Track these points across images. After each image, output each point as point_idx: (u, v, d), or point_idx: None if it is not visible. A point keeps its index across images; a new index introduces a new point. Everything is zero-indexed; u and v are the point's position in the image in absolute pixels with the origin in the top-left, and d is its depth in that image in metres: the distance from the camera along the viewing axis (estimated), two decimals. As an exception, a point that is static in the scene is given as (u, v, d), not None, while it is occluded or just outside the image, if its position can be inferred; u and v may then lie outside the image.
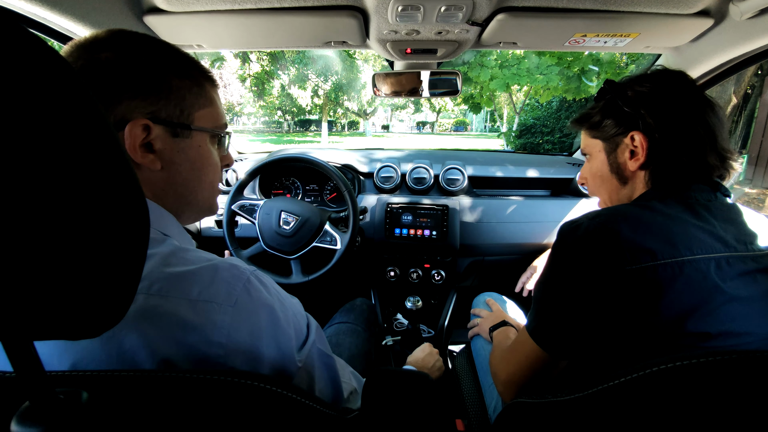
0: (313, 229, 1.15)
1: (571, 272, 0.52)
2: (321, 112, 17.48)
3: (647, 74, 0.62)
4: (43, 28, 0.80)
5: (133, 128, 0.43)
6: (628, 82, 0.62)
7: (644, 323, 0.47)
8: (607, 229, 0.50)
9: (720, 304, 0.46)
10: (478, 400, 0.90)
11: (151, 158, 0.45)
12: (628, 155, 0.62)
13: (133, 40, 0.45)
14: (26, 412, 0.25)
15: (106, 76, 0.42)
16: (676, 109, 0.57)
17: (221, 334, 0.37)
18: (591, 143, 0.69)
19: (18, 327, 0.21)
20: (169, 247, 0.41)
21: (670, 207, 0.54)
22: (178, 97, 0.47)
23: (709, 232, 0.50)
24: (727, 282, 0.47)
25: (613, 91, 0.64)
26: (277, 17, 0.88)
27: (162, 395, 0.31)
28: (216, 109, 0.52)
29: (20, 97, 0.18)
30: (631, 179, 0.63)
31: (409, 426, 0.40)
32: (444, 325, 1.46)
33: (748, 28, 0.85)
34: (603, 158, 0.66)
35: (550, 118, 9.13)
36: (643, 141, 0.59)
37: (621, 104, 0.61)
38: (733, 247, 0.50)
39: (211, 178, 0.54)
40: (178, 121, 0.47)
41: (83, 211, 0.21)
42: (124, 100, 0.43)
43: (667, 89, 0.59)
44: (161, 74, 0.45)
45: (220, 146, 0.55)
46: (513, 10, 0.85)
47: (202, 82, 0.50)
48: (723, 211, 0.54)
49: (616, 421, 0.34)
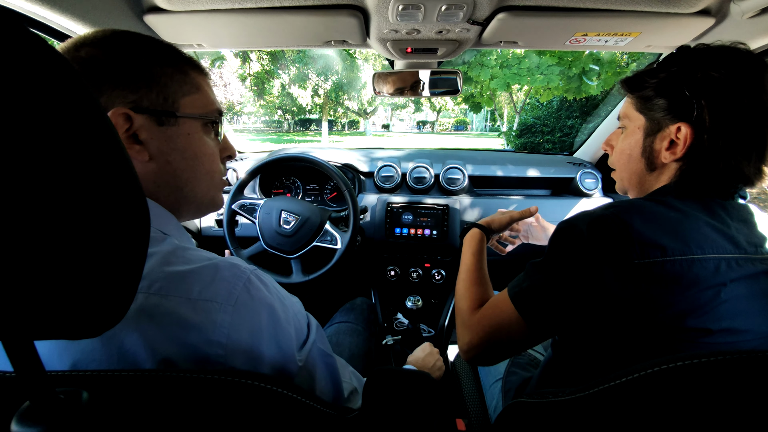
0: (314, 229, 1.15)
1: (576, 257, 0.51)
2: (321, 112, 17.48)
3: (728, 52, 0.52)
4: (43, 27, 0.80)
5: (112, 118, 0.42)
6: (703, 57, 0.53)
7: (645, 317, 0.47)
8: (620, 220, 0.49)
9: (723, 301, 0.46)
10: (479, 399, 0.90)
11: (138, 149, 0.45)
12: (667, 144, 0.56)
13: (115, 36, 0.45)
14: (26, 412, 0.25)
15: (86, 70, 0.42)
16: (741, 109, 0.50)
17: (221, 333, 0.37)
18: (633, 115, 0.61)
19: (18, 327, 0.21)
20: (169, 246, 0.41)
21: (686, 204, 0.52)
22: (160, 85, 0.46)
23: (722, 233, 0.49)
24: (733, 282, 0.47)
25: (681, 65, 0.54)
26: (277, 16, 0.88)
27: (162, 395, 0.31)
28: (204, 96, 0.51)
29: (20, 96, 0.18)
30: (659, 168, 0.58)
31: (410, 425, 0.40)
32: (444, 325, 1.46)
33: (749, 27, 0.84)
34: (639, 137, 0.60)
35: (551, 118, 9.12)
36: (689, 136, 0.53)
37: (683, 85, 0.53)
38: (743, 249, 0.49)
39: (208, 168, 0.52)
40: (161, 109, 0.46)
41: (83, 209, 0.21)
42: (104, 92, 0.43)
43: (743, 82, 0.50)
44: (141, 63, 0.45)
45: (216, 135, 0.54)
46: (514, 9, 0.84)
47: (185, 69, 0.49)
48: (738, 211, 0.53)
49: (618, 421, 0.34)
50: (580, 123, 8.60)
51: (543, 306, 0.53)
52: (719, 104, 0.51)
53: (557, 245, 0.54)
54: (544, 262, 0.55)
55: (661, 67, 0.57)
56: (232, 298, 0.38)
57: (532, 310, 0.54)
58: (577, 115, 8.76)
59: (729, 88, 0.50)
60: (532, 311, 0.54)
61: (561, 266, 0.53)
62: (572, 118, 8.81)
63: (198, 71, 0.51)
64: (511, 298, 0.57)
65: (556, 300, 0.52)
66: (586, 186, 1.43)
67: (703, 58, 0.53)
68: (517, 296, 0.56)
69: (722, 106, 0.51)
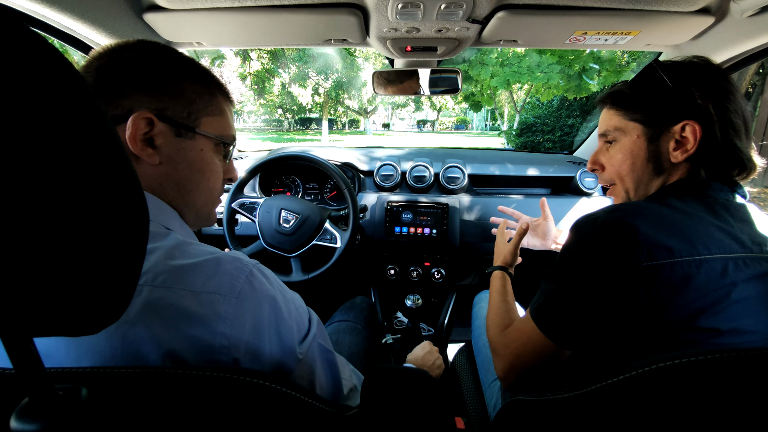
0: (313, 227, 1.15)
1: (585, 265, 0.51)
2: (321, 111, 17.47)
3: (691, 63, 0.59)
4: (43, 26, 0.80)
5: (136, 119, 0.44)
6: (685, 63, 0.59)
7: (656, 318, 0.47)
8: (625, 223, 0.49)
9: (732, 302, 0.46)
10: (478, 397, 0.90)
11: (150, 152, 0.46)
12: (673, 144, 0.58)
13: (156, 47, 0.48)
14: (25, 409, 0.25)
15: (123, 71, 0.45)
16: (730, 100, 0.55)
17: (225, 325, 0.38)
18: (625, 126, 0.63)
19: (18, 324, 0.21)
20: (172, 241, 0.42)
21: (689, 205, 0.52)
22: (188, 100, 0.49)
23: (727, 232, 0.49)
24: (742, 282, 0.47)
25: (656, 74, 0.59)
26: (277, 15, 0.88)
27: (162, 391, 0.31)
28: (225, 121, 0.54)
29: (20, 93, 0.18)
30: (668, 169, 0.59)
31: (409, 423, 0.40)
32: (444, 324, 1.46)
33: (749, 26, 0.84)
34: (642, 144, 0.61)
35: (551, 117, 9.10)
36: (698, 131, 0.55)
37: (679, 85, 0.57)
38: (749, 249, 0.49)
39: (212, 184, 0.54)
40: (182, 122, 0.48)
41: (82, 206, 0.21)
42: (134, 94, 0.45)
43: (714, 79, 0.56)
44: (174, 76, 0.48)
45: (224, 158, 0.56)
46: (513, 7, 0.84)
47: (214, 91, 0.52)
48: (739, 210, 0.54)
49: (616, 419, 0.34)
50: (580, 122, 8.58)
51: (561, 318, 0.54)
52: (718, 96, 0.55)
53: (566, 253, 0.55)
54: (555, 274, 0.56)
55: (646, 74, 0.61)
56: (235, 290, 0.39)
57: (552, 324, 0.55)
58: (577, 114, 8.74)
59: (712, 83, 0.56)
60: (553, 326, 0.55)
61: (572, 275, 0.53)
62: (572, 117, 8.79)
63: (225, 96, 0.54)
64: (531, 316, 0.58)
65: (573, 310, 0.53)
66: (586, 185, 1.43)
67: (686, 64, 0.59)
68: (536, 313, 0.57)
69: (720, 97, 0.55)
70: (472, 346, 1.06)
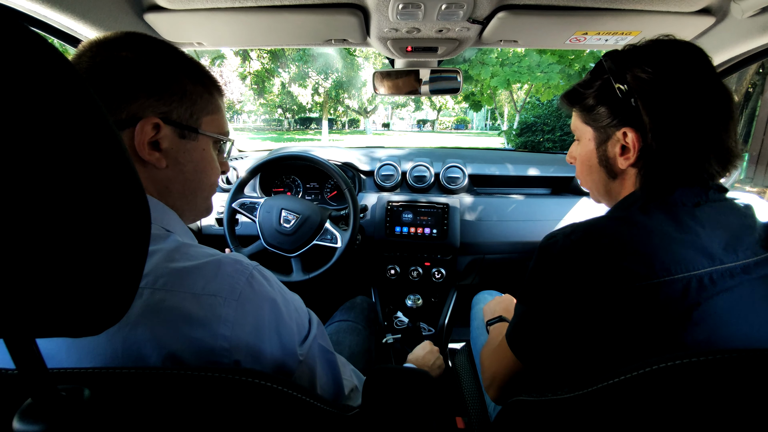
0: (314, 227, 1.15)
1: (545, 290, 0.51)
2: (321, 110, 17.46)
3: (655, 47, 0.52)
4: (43, 26, 0.80)
5: (144, 126, 0.44)
6: (629, 59, 0.52)
7: (619, 338, 0.46)
8: (581, 248, 0.48)
9: (693, 323, 0.44)
10: (479, 397, 0.90)
11: (158, 156, 0.46)
12: (619, 150, 0.55)
13: (149, 42, 0.47)
14: (28, 410, 0.25)
15: (125, 73, 0.44)
16: (680, 106, 0.48)
17: (226, 327, 0.38)
18: (581, 127, 0.61)
19: (20, 325, 0.21)
20: (172, 243, 0.42)
21: (651, 217, 0.49)
22: (190, 101, 0.49)
23: (691, 245, 0.46)
24: (709, 301, 0.44)
25: (610, 72, 0.53)
26: (277, 15, 0.88)
27: (164, 392, 0.31)
28: (221, 117, 0.54)
29: (21, 94, 0.18)
30: (620, 175, 0.57)
31: (410, 423, 0.40)
32: (444, 324, 1.46)
33: (750, 26, 0.84)
34: (592, 147, 0.59)
35: (551, 117, 9.09)
36: (635, 140, 0.52)
37: (616, 90, 0.52)
38: (719, 259, 0.45)
39: (213, 180, 0.56)
40: (187, 124, 0.49)
41: (84, 208, 0.21)
42: (140, 98, 0.44)
43: (675, 75, 0.49)
44: (177, 78, 0.47)
45: (220, 152, 0.57)
46: (514, 8, 0.84)
47: (212, 90, 0.52)
48: (713, 213, 0.49)
49: (617, 419, 0.34)
50: (580, 122, 8.57)
51: (529, 339, 0.55)
52: (655, 103, 0.49)
53: (531, 275, 0.55)
54: (523, 295, 0.57)
55: (595, 75, 0.57)
56: (236, 292, 0.39)
57: (520, 345, 0.57)
58: (577, 114, 8.73)
59: (661, 84, 0.49)
60: (521, 346, 0.57)
61: (536, 298, 0.54)
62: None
63: (219, 92, 0.54)
64: (507, 341, 0.60)
65: (538, 335, 0.54)
66: (586, 185, 1.43)
67: (631, 58, 0.52)
68: (510, 339, 0.59)
69: (658, 104, 0.49)
70: (471, 346, 1.06)
